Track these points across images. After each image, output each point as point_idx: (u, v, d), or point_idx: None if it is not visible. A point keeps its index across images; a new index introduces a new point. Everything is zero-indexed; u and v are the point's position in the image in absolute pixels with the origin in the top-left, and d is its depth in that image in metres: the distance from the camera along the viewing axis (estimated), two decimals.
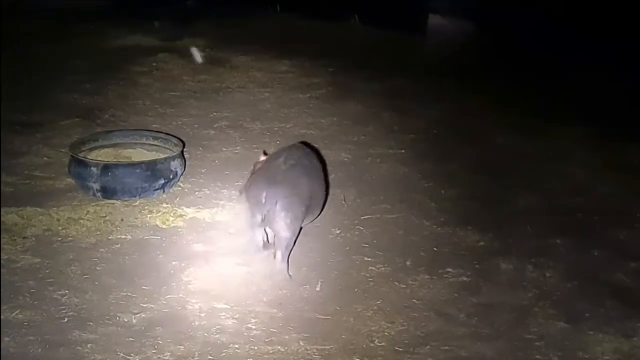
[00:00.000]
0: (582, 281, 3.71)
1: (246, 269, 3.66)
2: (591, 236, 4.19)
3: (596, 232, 4.25)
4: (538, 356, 3.13)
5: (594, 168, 5.19)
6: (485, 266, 3.83)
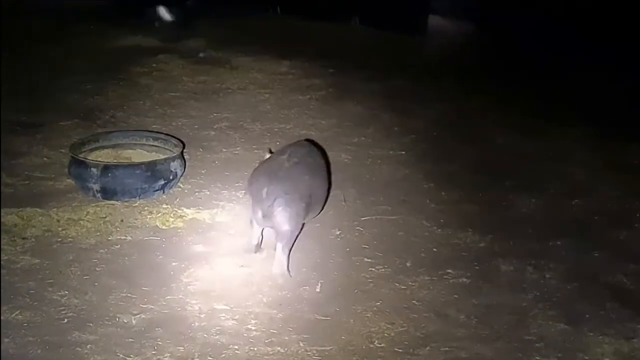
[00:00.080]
0: (582, 282, 3.71)
1: (246, 270, 3.66)
2: (591, 237, 4.19)
3: (596, 233, 4.25)
4: (538, 357, 3.12)
5: (594, 168, 5.19)
6: (485, 267, 3.83)
